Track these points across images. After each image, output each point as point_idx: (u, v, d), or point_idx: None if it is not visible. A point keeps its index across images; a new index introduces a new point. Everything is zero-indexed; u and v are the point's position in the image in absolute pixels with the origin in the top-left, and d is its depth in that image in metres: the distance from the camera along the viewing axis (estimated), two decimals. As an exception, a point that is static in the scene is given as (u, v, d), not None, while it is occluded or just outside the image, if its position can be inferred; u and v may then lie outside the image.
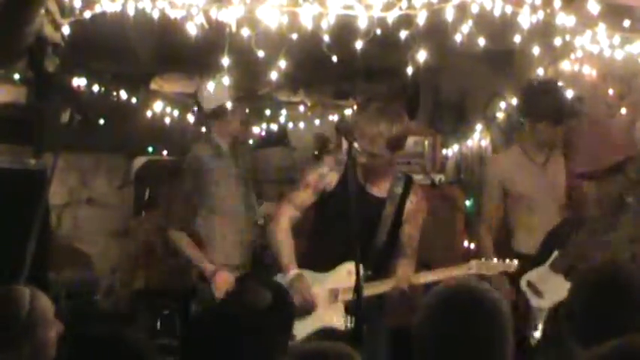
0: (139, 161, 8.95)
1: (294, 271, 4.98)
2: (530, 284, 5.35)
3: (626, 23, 5.21)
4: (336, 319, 4.97)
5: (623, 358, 2.39)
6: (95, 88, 7.37)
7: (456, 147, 7.63)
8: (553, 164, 5.64)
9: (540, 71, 5.98)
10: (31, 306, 3.57)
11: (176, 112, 7.86)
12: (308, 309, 4.92)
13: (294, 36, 4.54)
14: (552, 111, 5.52)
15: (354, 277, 4.63)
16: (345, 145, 4.74)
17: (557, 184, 5.61)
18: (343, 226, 4.81)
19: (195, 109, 7.91)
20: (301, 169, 5.64)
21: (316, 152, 7.61)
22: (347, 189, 4.69)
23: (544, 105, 5.51)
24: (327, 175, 5.12)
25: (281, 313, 3.79)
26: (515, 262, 5.05)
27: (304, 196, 5.14)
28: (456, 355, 2.69)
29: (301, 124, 8.31)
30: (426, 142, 6.98)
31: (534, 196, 5.58)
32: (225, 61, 4.52)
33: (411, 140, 6.99)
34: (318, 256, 5.07)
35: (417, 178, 6.56)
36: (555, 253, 5.34)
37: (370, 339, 4.48)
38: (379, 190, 5.12)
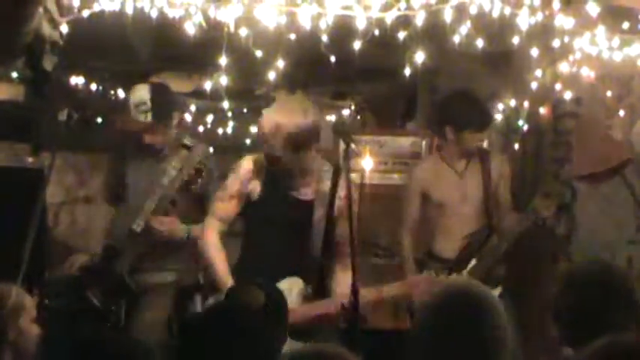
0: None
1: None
2: None
3: (625, 25, 5.21)
4: None
5: (610, 357, 2.40)
6: (93, 86, 7.37)
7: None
8: (471, 172, 5.86)
9: (539, 72, 5.98)
10: (8, 301, 3.56)
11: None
12: None
13: (293, 36, 4.54)
14: (476, 120, 5.74)
15: (295, 296, 4.59)
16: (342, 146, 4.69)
17: (475, 191, 5.83)
18: (274, 236, 4.80)
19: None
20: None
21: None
22: (271, 195, 4.64)
23: (468, 114, 5.63)
24: (249, 182, 4.91)
25: (274, 314, 3.79)
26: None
27: (228, 208, 4.93)
28: (454, 354, 2.70)
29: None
30: (424, 143, 6.97)
31: (453, 203, 5.81)
32: (223, 60, 4.51)
33: (408, 141, 7.01)
34: (253, 269, 4.77)
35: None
36: (473, 261, 5.55)
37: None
38: (306, 192, 4.88)
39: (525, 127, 6.72)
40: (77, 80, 7.21)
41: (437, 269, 5.57)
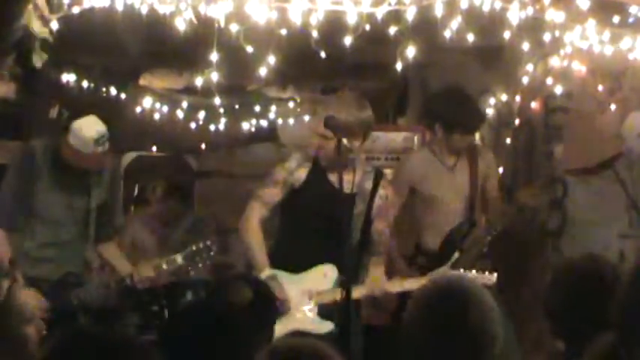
0: (128, 157, 8.94)
1: (267, 272, 4.89)
2: None
3: (616, 19, 5.21)
4: (309, 322, 4.91)
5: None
6: (84, 83, 7.35)
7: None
8: (460, 167, 5.83)
9: (530, 67, 5.98)
10: (8, 301, 3.56)
11: (165, 108, 7.85)
12: (281, 310, 4.76)
13: (283, 32, 4.53)
14: (465, 122, 5.70)
15: (329, 280, 4.64)
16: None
17: (463, 186, 5.81)
18: (313, 225, 4.87)
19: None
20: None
21: None
22: (315, 185, 4.67)
23: (458, 116, 5.62)
24: (295, 171, 5.03)
25: (262, 310, 3.78)
26: (494, 276, 5.17)
27: (273, 193, 5.04)
28: (448, 347, 2.71)
29: (290, 120, 8.30)
30: (416, 138, 6.97)
31: (441, 197, 5.79)
32: (214, 56, 4.50)
33: (400, 136, 7.01)
34: (290, 256, 4.96)
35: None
36: (456, 254, 5.53)
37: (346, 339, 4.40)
38: (348, 186, 4.94)
39: (517, 122, 6.72)
40: (68, 77, 7.19)
41: (425, 263, 5.61)
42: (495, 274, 5.20)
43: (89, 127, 5.13)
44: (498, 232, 5.71)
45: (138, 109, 7.78)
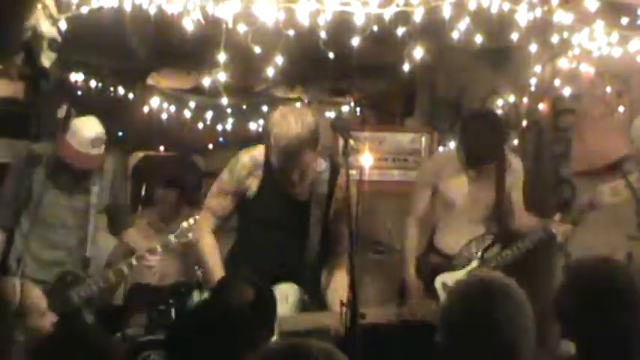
0: (136, 157, 8.96)
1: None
2: (445, 286, 5.47)
3: (624, 21, 5.20)
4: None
5: None
6: (92, 83, 7.37)
7: (452, 144, 7.61)
8: (485, 179, 5.69)
9: (538, 68, 5.97)
10: (22, 296, 3.60)
11: (173, 108, 7.87)
12: None
13: (291, 32, 4.53)
14: (486, 159, 5.57)
15: (289, 304, 4.54)
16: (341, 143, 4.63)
17: (486, 197, 5.70)
18: (269, 236, 4.69)
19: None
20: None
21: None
22: (268, 194, 4.60)
23: (481, 151, 5.52)
24: (244, 180, 4.76)
25: (263, 310, 3.78)
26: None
27: (223, 205, 4.81)
28: (484, 341, 2.76)
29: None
30: (423, 139, 6.96)
31: (460, 203, 5.68)
32: (222, 57, 4.51)
33: (407, 137, 7.00)
34: (249, 264, 4.54)
35: (414, 174, 6.61)
36: (474, 263, 5.52)
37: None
38: (302, 193, 4.76)
39: (524, 123, 6.71)
40: (76, 77, 7.21)
41: (437, 263, 5.59)
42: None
43: (87, 128, 5.18)
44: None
45: (146, 109, 7.79)
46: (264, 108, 8.23)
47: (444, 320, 2.86)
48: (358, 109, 8.72)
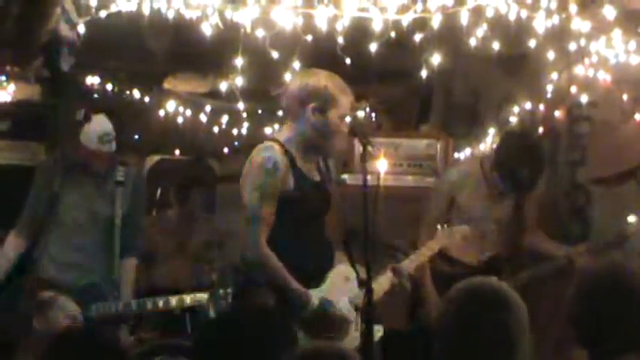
0: (151, 160, 8.98)
1: (314, 296, 4.42)
2: None
3: (642, 29, 5.21)
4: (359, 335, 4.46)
5: None
6: (109, 86, 7.40)
7: (468, 150, 7.61)
8: (509, 196, 5.69)
9: (554, 76, 5.97)
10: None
11: (189, 112, 7.89)
12: (345, 331, 4.48)
13: (309, 38, 4.54)
14: (529, 186, 5.59)
15: (351, 283, 4.55)
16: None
17: (504, 214, 5.71)
18: (314, 229, 4.60)
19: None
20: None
21: None
22: (302, 187, 4.48)
23: (524, 181, 5.52)
24: (283, 178, 4.48)
25: (285, 313, 3.79)
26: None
27: (272, 212, 4.43)
28: (479, 344, 2.75)
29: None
30: (439, 145, 6.95)
31: (475, 215, 5.61)
32: (239, 61, 4.52)
33: (423, 143, 6.99)
34: (298, 267, 4.42)
35: (429, 180, 6.61)
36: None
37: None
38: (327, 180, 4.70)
39: (540, 131, 6.70)
40: (93, 80, 7.24)
41: (446, 270, 5.57)
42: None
43: (94, 123, 5.18)
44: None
45: (162, 113, 7.82)
46: (280, 113, 8.23)
47: (439, 327, 2.86)
48: (374, 115, 8.72)
